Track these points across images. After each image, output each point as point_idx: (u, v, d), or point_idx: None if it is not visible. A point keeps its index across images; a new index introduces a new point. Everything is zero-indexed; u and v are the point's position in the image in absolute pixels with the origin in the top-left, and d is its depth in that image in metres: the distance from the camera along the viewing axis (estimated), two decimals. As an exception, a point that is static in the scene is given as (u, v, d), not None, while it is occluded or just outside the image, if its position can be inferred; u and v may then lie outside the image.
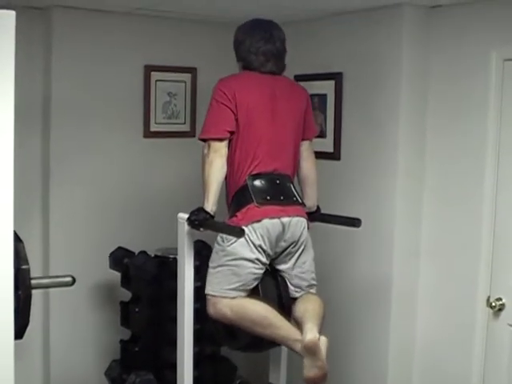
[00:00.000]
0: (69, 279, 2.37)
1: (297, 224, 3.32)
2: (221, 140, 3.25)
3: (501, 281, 3.57)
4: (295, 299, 3.38)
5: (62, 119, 4.28)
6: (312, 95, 4.28)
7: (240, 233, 3.08)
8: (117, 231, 4.46)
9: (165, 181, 4.65)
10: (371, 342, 4.06)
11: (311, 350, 2.97)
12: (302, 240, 3.35)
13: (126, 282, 4.10)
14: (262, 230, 3.21)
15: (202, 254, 3.80)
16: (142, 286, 4.05)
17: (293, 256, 3.36)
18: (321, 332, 3.06)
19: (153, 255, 4.13)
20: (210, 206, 3.21)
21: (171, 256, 3.92)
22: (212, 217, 3.22)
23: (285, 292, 3.36)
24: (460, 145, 3.74)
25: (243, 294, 3.24)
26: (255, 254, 3.21)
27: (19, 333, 2.03)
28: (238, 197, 3.30)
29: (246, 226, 3.17)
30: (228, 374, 4.29)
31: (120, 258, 4.12)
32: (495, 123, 3.53)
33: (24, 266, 2.09)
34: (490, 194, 3.58)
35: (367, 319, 4.08)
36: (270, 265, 3.35)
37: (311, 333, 3.01)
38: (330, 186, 3.62)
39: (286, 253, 3.34)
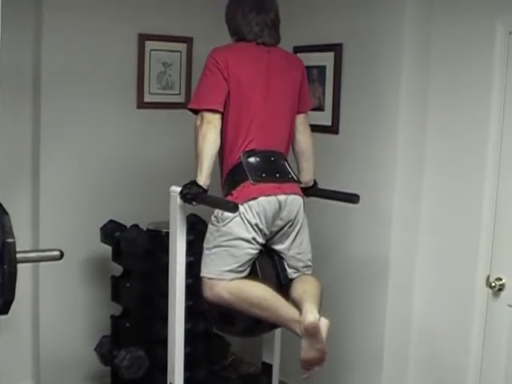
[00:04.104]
0: (56, 253, 2.31)
1: (293, 202, 3.25)
2: (214, 112, 3.16)
3: (501, 260, 3.50)
4: (291, 280, 3.31)
5: (53, 89, 4.20)
6: (311, 67, 4.20)
7: (234, 208, 2.99)
8: (108, 204, 4.41)
9: (158, 153, 4.58)
10: (368, 319, 4.01)
11: (311, 332, 2.90)
12: (298, 219, 3.28)
13: (117, 256, 4.05)
14: (258, 208, 3.13)
15: (196, 229, 3.77)
16: (134, 261, 4.02)
17: (289, 236, 3.29)
18: (320, 313, 2.98)
19: (145, 229, 4.08)
20: (204, 179, 3.12)
21: (163, 230, 3.85)
22: (205, 190, 3.15)
23: (283, 271, 3.31)
24: (462, 119, 3.65)
25: (240, 275, 3.16)
26: (251, 234, 3.13)
27: (4, 308, 2.02)
28: (232, 175, 3.22)
29: (242, 204, 3.10)
30: (221, 351, 4.28)
31: (111, 232, 4.07)
32: (499, 97, 3.43)
33: (9, 240, 2.04)
34: (492, 169, 3.51)
35: (364, 296, 4.03)
36: (265, 245, 3.28)
37: (311, 315, 2.92)
38: (327, 161, 3.55)
39: (282, 232, 3.27)
